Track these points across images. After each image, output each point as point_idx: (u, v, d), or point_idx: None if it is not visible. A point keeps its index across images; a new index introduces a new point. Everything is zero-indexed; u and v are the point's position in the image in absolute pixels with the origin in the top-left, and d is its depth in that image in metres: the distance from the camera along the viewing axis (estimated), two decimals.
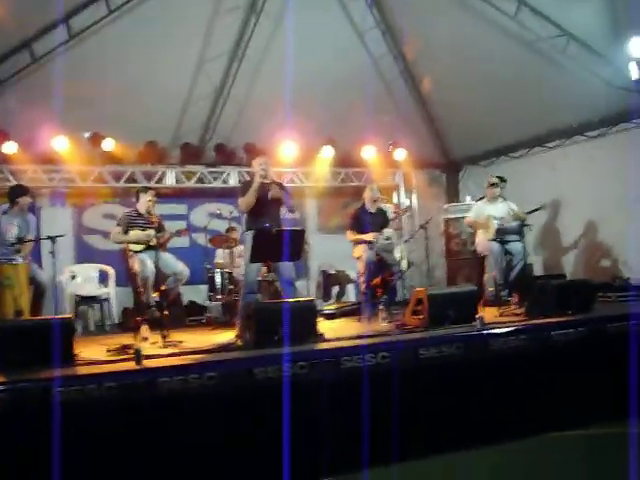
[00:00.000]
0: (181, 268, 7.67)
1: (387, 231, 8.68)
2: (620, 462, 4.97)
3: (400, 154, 11.72)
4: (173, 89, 9.91)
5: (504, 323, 6.77)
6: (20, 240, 7.79)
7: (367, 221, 8.67)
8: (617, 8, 8.18)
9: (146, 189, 8.12)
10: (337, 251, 10.45)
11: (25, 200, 8.08)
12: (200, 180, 11.21)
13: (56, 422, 4.43)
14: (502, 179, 9.46)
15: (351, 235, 8.76)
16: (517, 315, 7.42)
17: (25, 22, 8.33)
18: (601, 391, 6.21)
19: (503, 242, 8.76)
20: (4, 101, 8.87)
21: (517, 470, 5.26)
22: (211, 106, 10.54)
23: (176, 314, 8.69)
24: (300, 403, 5.00)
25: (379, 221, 8.77)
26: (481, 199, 9.49)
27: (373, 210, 8.87)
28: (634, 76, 8.50)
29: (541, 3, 8.70)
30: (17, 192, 8.14)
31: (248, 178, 7.60)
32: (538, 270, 10.70)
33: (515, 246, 8.69)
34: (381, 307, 7.79)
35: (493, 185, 9.00)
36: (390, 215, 9.27)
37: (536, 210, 8.90)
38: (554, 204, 10.41)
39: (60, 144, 9.61)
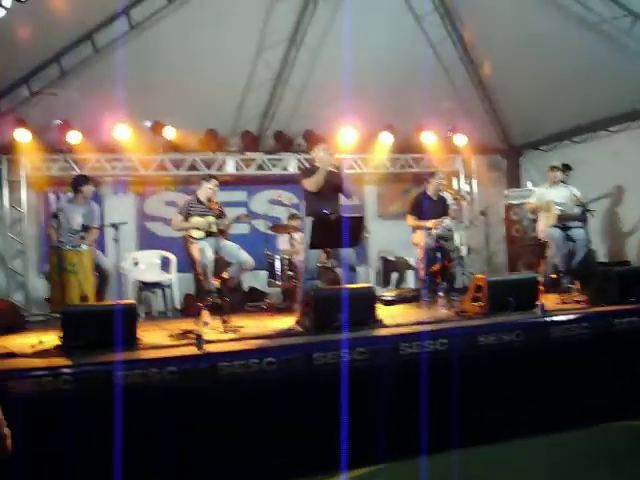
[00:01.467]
0: (245, 258, 7.72)
1: (446, 219, 8.63)
2: None
3: (460, 139, 11.60)
4: (232, 77, 9.96)
5: (565, 311, 6.69)
6: (84, 228, 7.97)
7: (427, 207, 8.63)
8: None
9: (209, 177, 8.20)
10: (397, 238, 10.43)
11: (88, 189, 8.30)
12: (259, 167, 11.27)
13: (119, 405, 4.53)
14: (567, 166, 9.31)
15: (411, 220, 8.74)
16: (579, 303, 7.31)
17: (87, 14, 8.49)
18: None
19: (565, 228, 8.63)
20: (68, 92, 9.04)
21: (577, 458, 5.20)
22: (270, 93, 10.56)
23: (236, 300, 8.77)
24: (359, 389, 5.03)
25: (439, 208, 8.73)
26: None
27: (434, 197, 8.82)
28: None
29: None
30: (80, 181, 8.37)
31: (307, 165, 7.63)
32: (601, 257, 10.49)
33: (577, 232, 8.56)
34: (440, 294, 7.75)
35: (554, 169, 8.85)
36: (450, 201, 9.19)
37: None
38: (617, 190, 10.17)
39: (122, 133, 9.77)
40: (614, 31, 8.79)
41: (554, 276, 8.54)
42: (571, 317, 6.30)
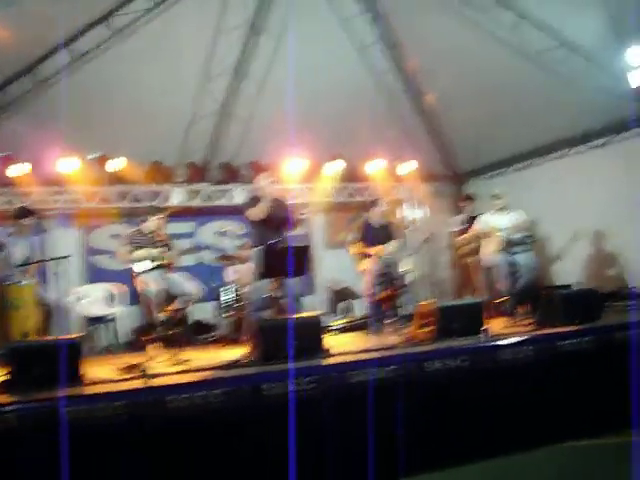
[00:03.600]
0: (190, 289, 7.65)
1: (391, 244, 8.69)
2: (629, 472, 4.99)
3: (405, 168, 11.74)
4: (177, 108, 9.96)
5: (511, 334, 6.77)
6: (25, 262, 7.84)
7: (371, 235, 8.68)
8: (615, 18, 8.19)
9: (156, 210, 8.14)
10: (345, 266, 10.44)
11: (29, 222, 8.17)
12: (206, 198, 11.25)
13: (64, 441, 4.45)
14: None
15: (354, 248, 8.77)
16: (525, 326, 7.41)
17: (27, 46, 8.42)
18: (610, 401, 6.20)
19: (509, 253, 8.74)
20: (10, 124, 8.94)
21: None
22: (215, 125, 10.59)
23: (185, 332, 8.70)
24: (308, 418, 5.01)
25: (383, 235, 8.78)
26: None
27: (377, 225, 8.89)
28: (633, 84, 8.54)
29: (540, 15, 8.72)
30: (21, 214, 8.23)
31: (251, 195, 7.66)
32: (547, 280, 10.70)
33: (521, 257, 8.67)
34: (388, 321, 7.79)
35: (496, 197, 8.99)
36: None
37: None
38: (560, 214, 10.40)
39: (66, 166, 9.67)
40: (551, 61, 9.04)
41: (499, 301, 8.63)
42: (516, 340, 6.37)
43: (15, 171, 9.50)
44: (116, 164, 9.97)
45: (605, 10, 8.30)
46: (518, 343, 6.33)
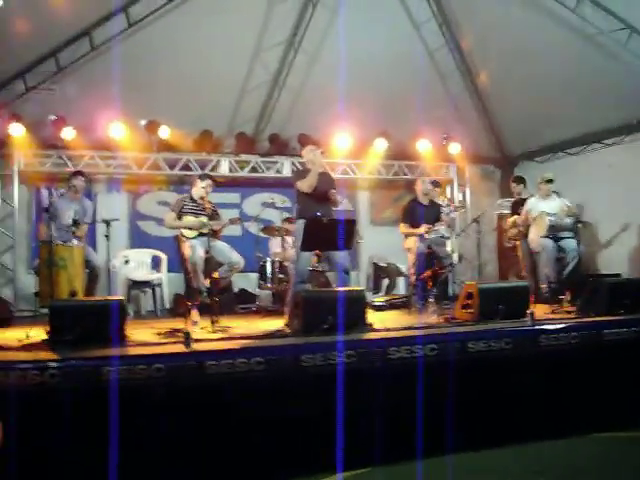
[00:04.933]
0: (236, 258, 7.69)
1: (439, 225, 8.64)
2: None
3: (454, 148, 11.63)
4: (229, 78, 9.97)
5: (555, 320, 6.69)
6: (75, 223, 7.95)
7: (420, 214, 8.63)
8: None
9: (204, 176, 8.17)
10: (389, 244, 10.45)
11: (80, 184, 8.28)
12: (253, 169, 11.27)
13: (106, 401, 4.51)
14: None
15: (404, 228, 8.75)
16: (569, 313, 7.32)
17: (85, 11, 8.49)
18: None
19: (556, 239, 8.64)
20: (64, 88, 9.05)
21: (567, 468, 5.19)
22: (266, 96, 10.58)
23: (226, 301, 8.75)
24: (347, 391, 5.01)
25: (432, 214, 8.73)
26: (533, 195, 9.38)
27: (426, 203, 8.84)
28: None
29: None
30: (73, 176, 8.35)
31: (303, 166, 7.63)
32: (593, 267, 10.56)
33: (568, 243, 8.57)
34: (431, 300, 7.75)
35: (548, 182, 8.87)
36: (445, 209, 9.20)
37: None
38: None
39: (117, 131, 9.76)
40: (611, 44, 8.85)
41: (544, 286, 8.53)
42: (560, 326, 6.29)
43: (67, 134, 9.60)
44: (166, 131, 10.02)
45: None
46: (562, 329, 6.25)
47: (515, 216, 9.44)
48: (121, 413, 4.48)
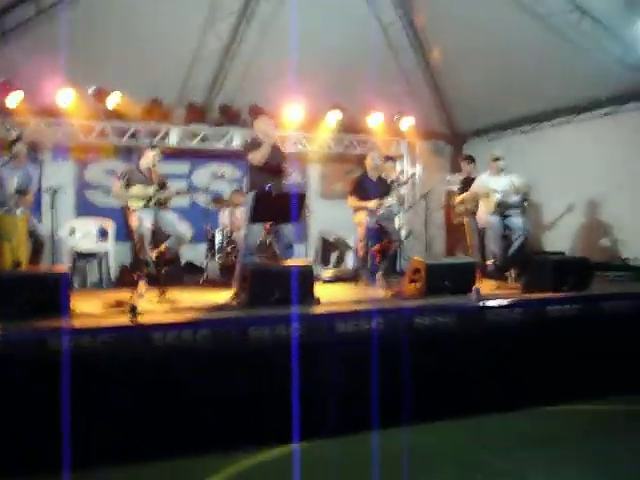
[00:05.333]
0: (183, 230, 7.64)
1: (389, 199, 8.68)
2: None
3: (405, 123, 11.64)
4: (180, 46, 9.80)
5: (500, 296, 6.80)
6: (19, 192, 7.77)
7: (369, 188, 8.66)
8: None
9: (152, 146, 8.06)
10: (338, 218, 10.44)
11: (23, 150, 8.05)
12: (204, 140, 11.14)
13: (51, 373, 4.47)
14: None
15: (352, 201, 8.76)
16: (513, 289, 7.45)
17: None
18: (593, 368, 6.27)
19: (504, 216, 8.73)
20: (10, 51, 8.80)
21: (505, 442, 5.30)
22: (217, 65, 10.44)
23: (174, 273, 8.69)
24: (291, 365, 5.03)
25: (381, 189, 8.77)
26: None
27: (375, 178, 8.86)
28: None
29: None
30: (15, 143, 8.14)
31: (255, 137, 7.56)
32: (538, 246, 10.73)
33: (515, 220, 8.66)
34: (379, 274, 7.80)
35: (496, 159, 8.94)
36: (393, 185, 9.25)
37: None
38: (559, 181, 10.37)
39: (64, 97, 9.52)
40: (563, 25, 8.91)
41: (490, 263, 8.64)
42: (505, 302, 6.40)
43: (12, 99, 9.35)
44: (114, 99, 9.83)
45: None
46: (506, 305, 6.37)
47: (462, 194, 9.52)
48: (67, 385, 4.44)
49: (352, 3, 9.86)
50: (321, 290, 7.08)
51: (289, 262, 6.77)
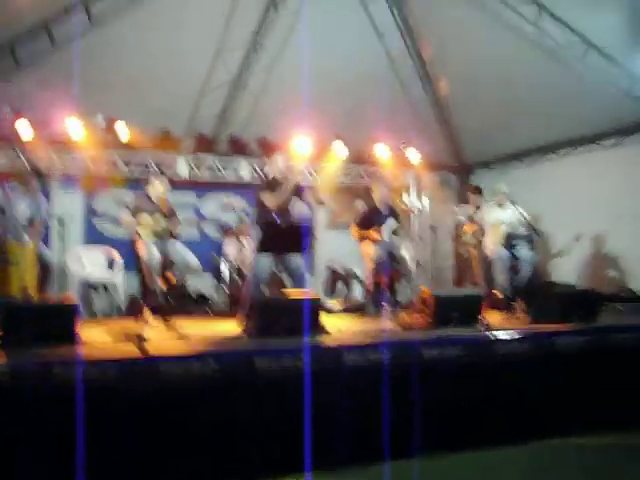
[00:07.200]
0: (191, 260, 7.64)
1: (395, 229, 8.65)
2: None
3: (413, 154, 11.67)
4: (190, 78, 9.91)
5: (507, 328, 6.77)
6: (30, 221, 7.82)
7: (376, 220, 8.66)
8: (637, 18, 8.14)
9: (161, 176, 8.08)
10: (345, 248, 10.45)
11: (35, 182, 8.13)
12: (212, 170, 11.18)
13: (59, 403, 4.47)
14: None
15: (354, 230, 8.73)
16: (521, 321, 7.42)
17: (43, 4, 8.36)
18: (602, 401, 6.23)
19: (511, 247, 8.73)
20: (20, 83, 8.88)
21: (512, 475, 5.26)
22: (227, 96, 10.54)
23: (181, 303, 8.69)
24: (299, 395, 5.01)
25: (388, 219, 8.76)
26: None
27: (382, 209, 8.86)
28: None
29: (561, 9, 8.66)
30: (28, 173, 8.21)
31: (266, 172, 7.52)
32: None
33: (523, 252, 8.66)
34: (386, 305, 7.79)
35: (500, 190, 8.95)
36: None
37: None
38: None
39: (74, 128, 9.59)
40: (568, 57, 8.98)
41: (498, 294, 8.62)
42: (513, 334, 6.37)
43: (23, 129, 9.43)
44: (124, 130, 9.90)
45: (626, 12, 8.25)
46: (514, 336, 6.34)
47: (469, 225, 9.52)
48: (81, 416, 4.44)
49: (361, 36, 9.97)
50: (328, 321, 7.06)
51: (296, 293, 6.76)
